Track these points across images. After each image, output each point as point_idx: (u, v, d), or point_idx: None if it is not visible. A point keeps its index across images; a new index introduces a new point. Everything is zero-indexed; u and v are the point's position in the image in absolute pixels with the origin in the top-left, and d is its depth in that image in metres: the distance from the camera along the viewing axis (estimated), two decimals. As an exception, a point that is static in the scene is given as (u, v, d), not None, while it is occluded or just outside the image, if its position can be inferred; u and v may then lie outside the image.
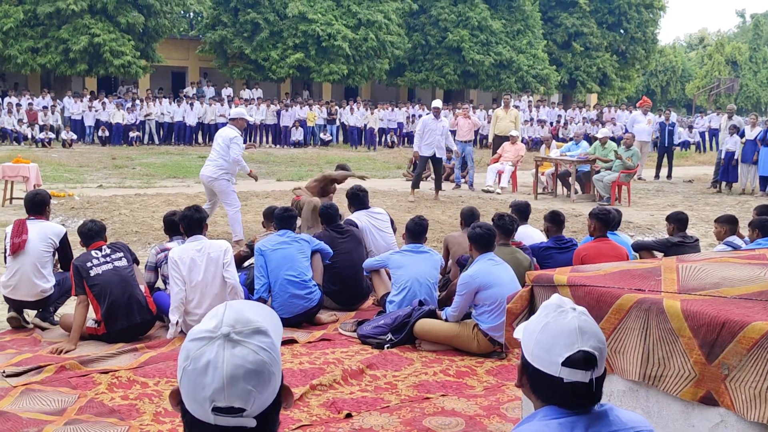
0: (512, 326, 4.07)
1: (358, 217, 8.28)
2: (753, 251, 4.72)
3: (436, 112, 15.44)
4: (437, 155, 15.40)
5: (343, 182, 10.37)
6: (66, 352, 5.87)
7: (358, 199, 8.45)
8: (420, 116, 33.42)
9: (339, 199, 10.10)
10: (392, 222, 8.70)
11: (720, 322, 3.12)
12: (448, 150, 20.29)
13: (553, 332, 2.08)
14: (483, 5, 37.53)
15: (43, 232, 6.57)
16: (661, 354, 3.34)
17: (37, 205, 6.76)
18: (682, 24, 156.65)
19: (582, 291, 3.67)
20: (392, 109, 32.85)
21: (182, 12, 40.75)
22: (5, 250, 6.61)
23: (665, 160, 21.56)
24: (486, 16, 37.17)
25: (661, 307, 3.34)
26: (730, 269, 3.91)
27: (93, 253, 6.28)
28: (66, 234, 6.78)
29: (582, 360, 2.04)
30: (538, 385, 2.13)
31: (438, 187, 15.61)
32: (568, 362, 2.04)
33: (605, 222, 7.18)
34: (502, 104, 19.38)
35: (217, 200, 10.34)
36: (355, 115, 31.33)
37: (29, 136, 26.36)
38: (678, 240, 7.71)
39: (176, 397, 1.64)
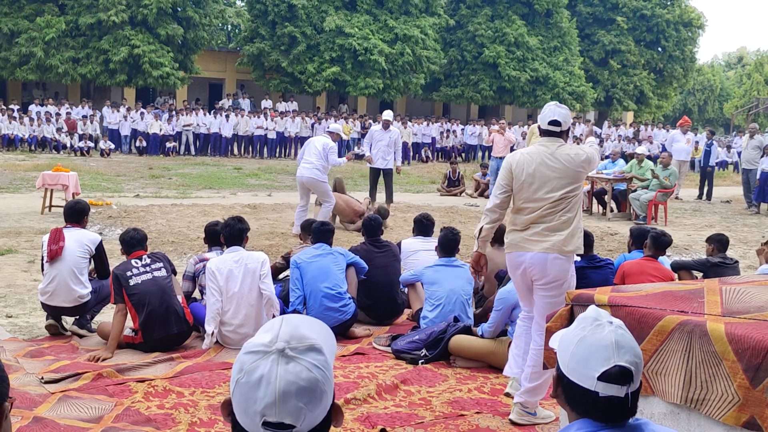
0: (551, 347, 4.03)
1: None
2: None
3: (385, 124, 15.32)
4: (384, 167, 15.27)
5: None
6: (103, 359, 5.92)
7: (422, 226, 8.17)
8: (454, 131, 33.59)
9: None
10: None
11: (765, 347, 3.08)
12: (484, 166, 20.35)
13: (589, 346, 2.08)
14: (520, 21, 37.46)
15: (79, 239, 6.64)
16: (704, 377, 3.30)
17: (77, 213, 6.83)
18: (721, 43, 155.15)
19: (623, 311, 3.63)
20: (427, 124, 32.86)
21: (221, 25, 41.18)
22: (42, 257, 6.69)
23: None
24: (523, 33, 37.08)
25: (705, 330, 3.30)
26: (774, 293, 3.84)
27: (133, 262, 6.34)
28: (101, 242, 6.84)
29: (618, 375, 2.03)
30: (573, 397, 2.12)
31: (389, 199, 15.45)
32: (604, 377, 2.03)
33: (660, 245, 7.12)
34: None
35: (309, 200, 12.07)
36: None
37: (68, 144, 26.74)
38: (718, 260, 7.60)
39: (227, 407, 1.65)
